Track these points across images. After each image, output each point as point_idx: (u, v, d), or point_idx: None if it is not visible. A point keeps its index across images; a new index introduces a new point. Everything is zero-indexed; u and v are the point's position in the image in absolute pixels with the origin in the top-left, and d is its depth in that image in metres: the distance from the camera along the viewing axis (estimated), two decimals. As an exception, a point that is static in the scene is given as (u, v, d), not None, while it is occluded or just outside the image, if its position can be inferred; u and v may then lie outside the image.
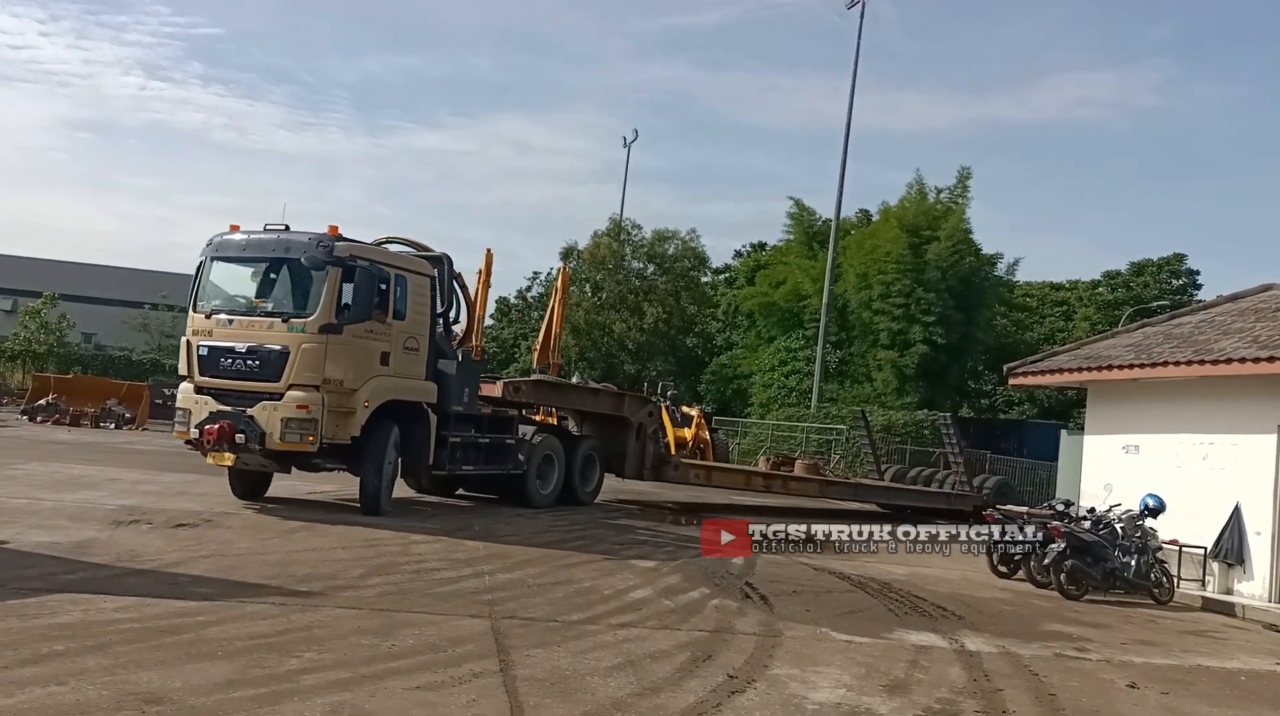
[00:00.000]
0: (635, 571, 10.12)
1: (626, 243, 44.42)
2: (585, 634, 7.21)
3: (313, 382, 11.62)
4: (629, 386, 39.75)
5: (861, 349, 34.71)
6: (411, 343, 12.92)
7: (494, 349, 45.16)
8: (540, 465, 15.28)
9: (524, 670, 6.05)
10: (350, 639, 6.44)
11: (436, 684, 5.59)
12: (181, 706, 4.75)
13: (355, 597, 7.73)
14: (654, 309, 41.92)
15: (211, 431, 11.46)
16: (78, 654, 5.52)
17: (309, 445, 11.61)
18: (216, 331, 12.02)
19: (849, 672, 6.76)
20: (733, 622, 8.11)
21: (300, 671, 5.59)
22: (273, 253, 12.34)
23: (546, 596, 8.54)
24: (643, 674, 6.22)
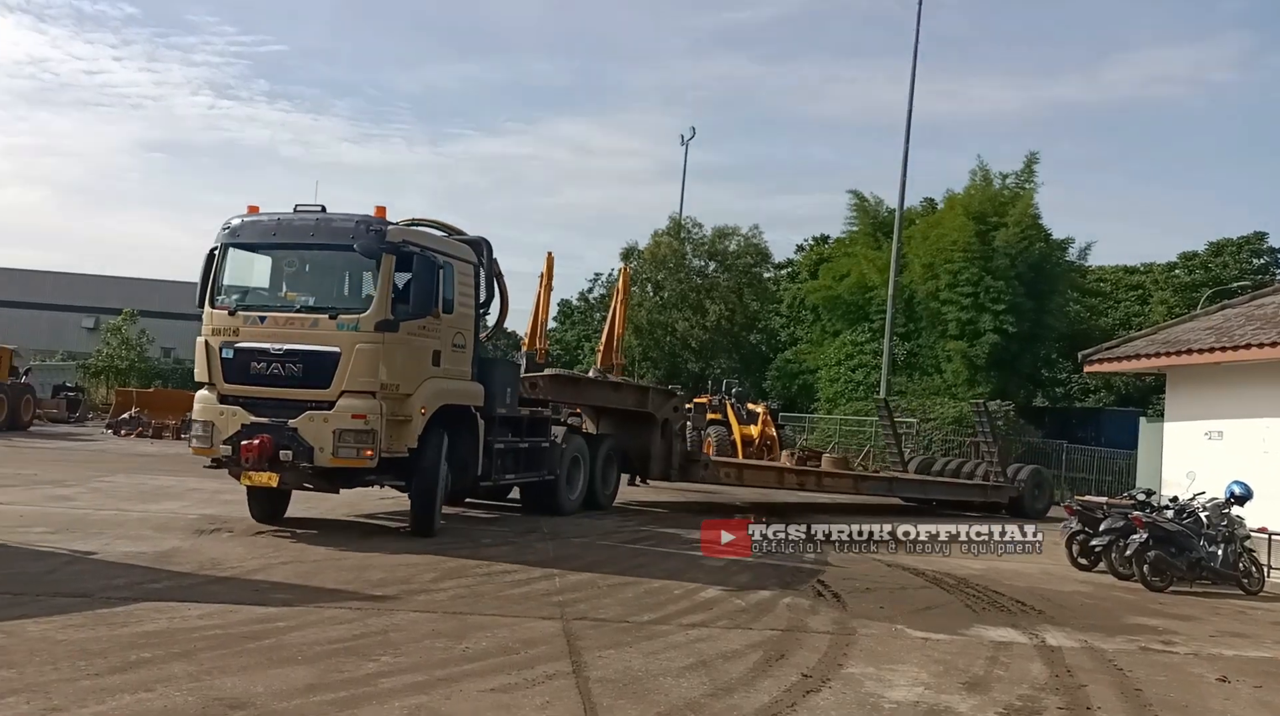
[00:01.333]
0: (705, 570, 10.08)
1: (687, 241, 44.32)
2: (656, 634, 7.20)
3: (369, 388, 10.13)
4: (693, 385, 39.84)
5: (930, 340, 34.16)
6: (459, 339, 11.48)
7: (557, 351, 45.45)
8: (570, 469, 14.29)
9: (596, 671, 6.06)
10: (425, 642, 6.52)
11: (510, 686, 5.64)
12: (264, 711, 4.86)
13: (429, 601, 7.82)
14: (716, 306, 41.76)
15: (251, 447, 9.97)
16: (164, 661, 5.68)
17: (367, 460, 10.12)
18: (245, 331, 10.42)
19: (926, 670, 6.65)
20: (805, 621, 8.04)
21: (378, 675, 5.68)
22: (312, 238, 10.62)
23: (617, 597, 8.56)
24: (715, 674, 6.20)
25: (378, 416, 10.07)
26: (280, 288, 10.94)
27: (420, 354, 10.76)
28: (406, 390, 10.50)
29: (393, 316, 10.32)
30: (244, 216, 10.96)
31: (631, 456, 16.14)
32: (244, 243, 10.97)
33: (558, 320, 50.90)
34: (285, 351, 10.24)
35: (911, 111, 30.67)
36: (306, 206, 10.80)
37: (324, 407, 10.07)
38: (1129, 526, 11.40)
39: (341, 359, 10.12)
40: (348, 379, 10.12)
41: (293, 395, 10.21)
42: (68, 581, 7.75)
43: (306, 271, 11.05)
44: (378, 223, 10.46)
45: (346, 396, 10.11)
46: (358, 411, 10.05)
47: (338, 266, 10.89)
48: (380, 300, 10.29)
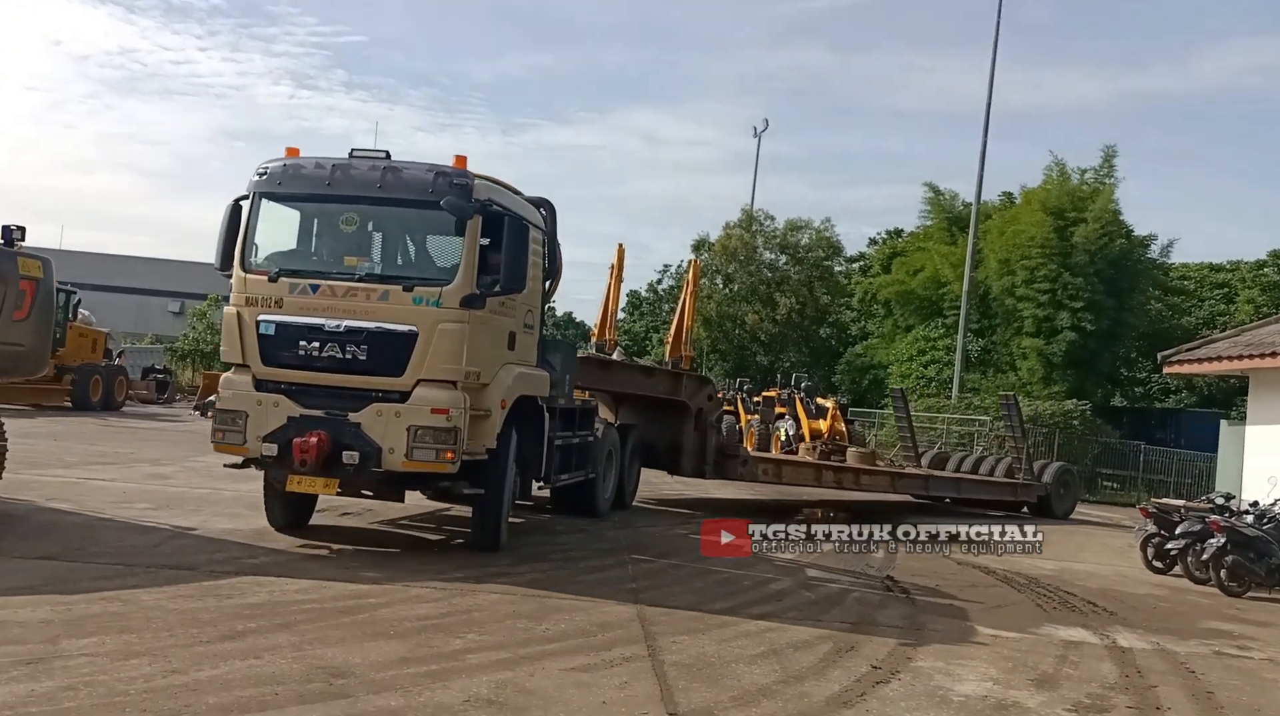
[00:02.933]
0: (774, 563, 10.24)
1: (758, 233, 44.28)
2: (728, 623, 7.40)
3: (451, 377, 8.44)
4: (761, 378, 39.83)
5: (1005, 337, 33.68)
6: (530, 318, 9.84)
7: (626, 342, 45.76)
8: (605, 466, 12.84)
9: (671, 655, 6.29)
10: (507, 622, 6.82)
11: (589, 666, 5.90)
12: (363, 680, 5.19)
13: (508, 584, 8.12)
14: (787, 299, 41.68)
15: (308, 447, 8.19)
16: (268, 631, 6.06)
17: (448, 464, 8.40)
18: (290, 302, 8.60)
19: (995, 666, 6.75)
20: (874, 615, 8.17)
21: (464, 651, 5.99)
22: (379, 190, 8.72)
23: (688, 586, 8.78)
24: (786, 662, 6.38)
25: (461, 411, 8.41)
26: (334, 250, 9.07)
27: (499, 336, 9.14)
28: (486, 379, 8.88)
29: (479, 290, 8.61)
30: (285, 161, 9.04)
31: (659, 450, 14.64)
32: (286, 193, 9.05)
33: (626, 311, 51.21)
34: (346, 329, 8.43)
35: (990, 103, 30.30)
36: (365, 151, 9.01)
37: (394, 399, 8.40)
38: (1206, 530, 11.26)
39: (420, 340, 8.38)
40: (427, 365, 8.38)
41: (354, 383, 8.48)
42: (173, 555, 8.21)
43: (370, 231, 9.25)
44: (460, 174, 8.72)
45: (424, 386, 8.40)
46: (439, 404, 8.33)
47: (411, 227, 9.20)
48: (467, 270, 8.56)
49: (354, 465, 8.27)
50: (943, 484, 18.00)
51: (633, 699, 5.36)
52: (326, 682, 5.11)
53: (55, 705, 4.50)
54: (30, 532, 8.47)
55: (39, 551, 7.50)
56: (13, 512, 9.29)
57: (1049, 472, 18.75)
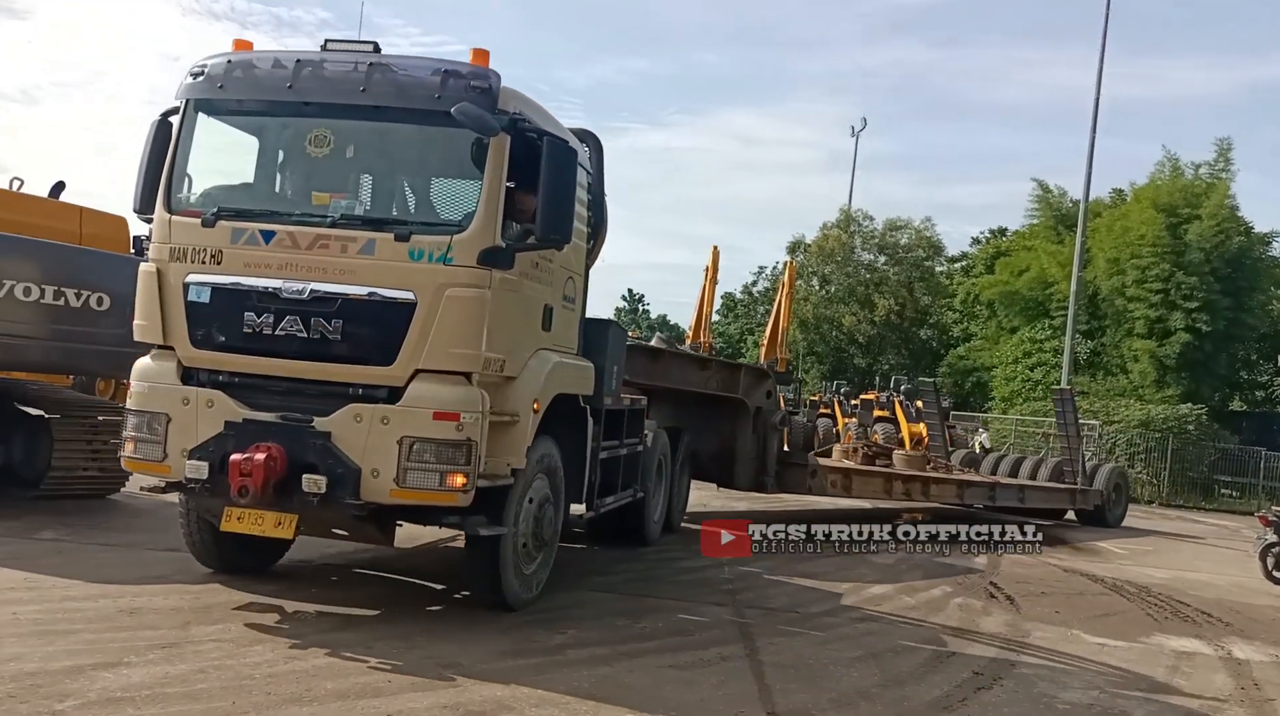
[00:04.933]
0: (873, 566, 10.17)
1: (856, 234, 43.80)
2: (826, 625, 7.40)
3: (464, 366, 5.94)
4: (859, 380, 39.37)
5: (1115, 338, 32.60)
6: (570, 289, 7.27)
7: (720, 344, 45.73)
8: (654, 479, 10.16)
9: (768, 656, 6.33)
10: (605, 620, 6.95)
11: (687, 664, 5.98)
12: (472, 671, 5.38)
13: (606, 582, 8.25)
14: (885, 301, 41.13)
15: (250, 468, 5.62)
16: (381, 623, 6.33)
17: (458, 493, 5.84)
18: (234, 255, 6.03)
19: (1102, 675, 6.61)
20: (977, 621, 8.06)
21: (565, 646, 6.14)
22: (362, 95, 6.08)
23: (785, 588, 8.80)
24: (886, 666, 6.36)
25: (477, 416, 5.86)
26: (298, 184, 6.49)
27: (531, 311, 6.57)
28: (512, 371, 6.30)
29: (504, 242, 6.04)
30: (230, 56, 6.37)
31: (708, 458, 12.15)
32: (230, 101, 6.41)
33: (720, 313, 51.16)
34: (312, 296, 5.88)
35: (1099, 96, 29.29)
36: (344, 43, 6.52)
37: (381, 398, 5.90)
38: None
39: (419, 313, 5.85)
40: (429, 349, 5.86)
41: (323, 374, 5.97)
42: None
43: (349, 156, 6.50)
44: (480, 75, 6.07)
45: (424, 379, 5.89)
46: (445, 406, 5.81)
47: (409, 150, 6.56)
48: (488, 212, 5.97)
49: (319, 494, 5.67)
50: (1008, 492, 15.61)
51: (730, 697, 5.42)
52: (438, 674, 5.31)
53: (188, 686, 4.80)
54: (156, 526, 8.94)
55: (165, 543, 7.93)
56: (141, 507, 9.82)
57: (1101, 476, 16.96)
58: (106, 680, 4.77)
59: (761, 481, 12.33)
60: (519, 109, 6.23)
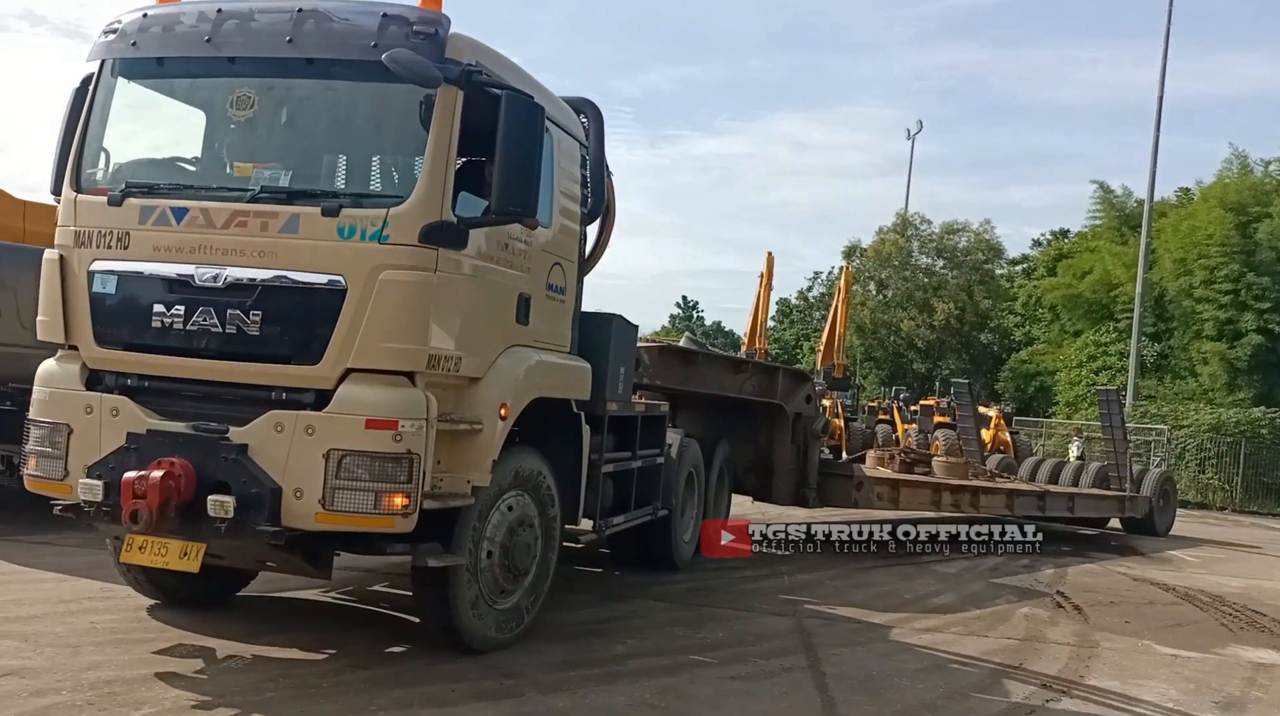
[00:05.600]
0: (937, 576, 10.03)
1: (913, 237, 43.36)
2: (889, 636, 7.32)
3: (403, 364, 5.10)
4: (919, 386, 38.91)
5: (1183, 341, 31.83)
6: (558, 276, 6.37)
7: (776, 351, 45.53)
8: (683, 493, 9.22)
9: (831, 667, 6.27)
10: (665, 629, 6.95)
11: (749, 675, 5.95)
12: (532, 680, 5.42)
13: (664, 591, 8.24)
14: (944, 305, 40.66)
15: (144, 488, 4.78)
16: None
17: (398, 516, 4.95)
18: (142, 237, 5.25)
19: (1175, 687, 6.44)
20: (1044, 631, 7.90)
21: (625, 656, 6.15)
22: (289, 46, 5.23)
23: (847, 597, 8.70)
24: (951, 677, 6.27)
25: (420, 424, 5.00)
26: (218, 154, 5.69)
27: (498, 300, 5.70)
28: (474, 370, 5.47)
29: (456, 215, 5.21)
30: (148, 9, 5.58)
31: (743, 470, 11.17)
32: (145, 60, 5.55)
33: (776, 319, 50.97)
34: (228, 283, 5.09)
35: (1163, 93, 28.67)
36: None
37: (306, 404, 5.04)
38: None
39: (349, 300, 5.01)
40: (360, 343, 5.00)
41: (240, 375, 5.14)
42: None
43: (276, 120, 5.60)
44: (427, 19, 5.19)
45: (356, 380, 5.03)
46: (379, 412, 4.95)
47: (344, 110, 5.57)
48: (432, 181, 5.12)
49: (227, 519, 4.80)
50: (1058, 501, 14.49)
51: (793, 709, 5.39)
52: (498, 682, 5.36)
53: (259, 694, 4.89)
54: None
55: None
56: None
57: (1148, 482, 15.80)
58: (180, 689, 4.89)
59: (802, 494, 11.27)
60: (476, 60, 5.31)
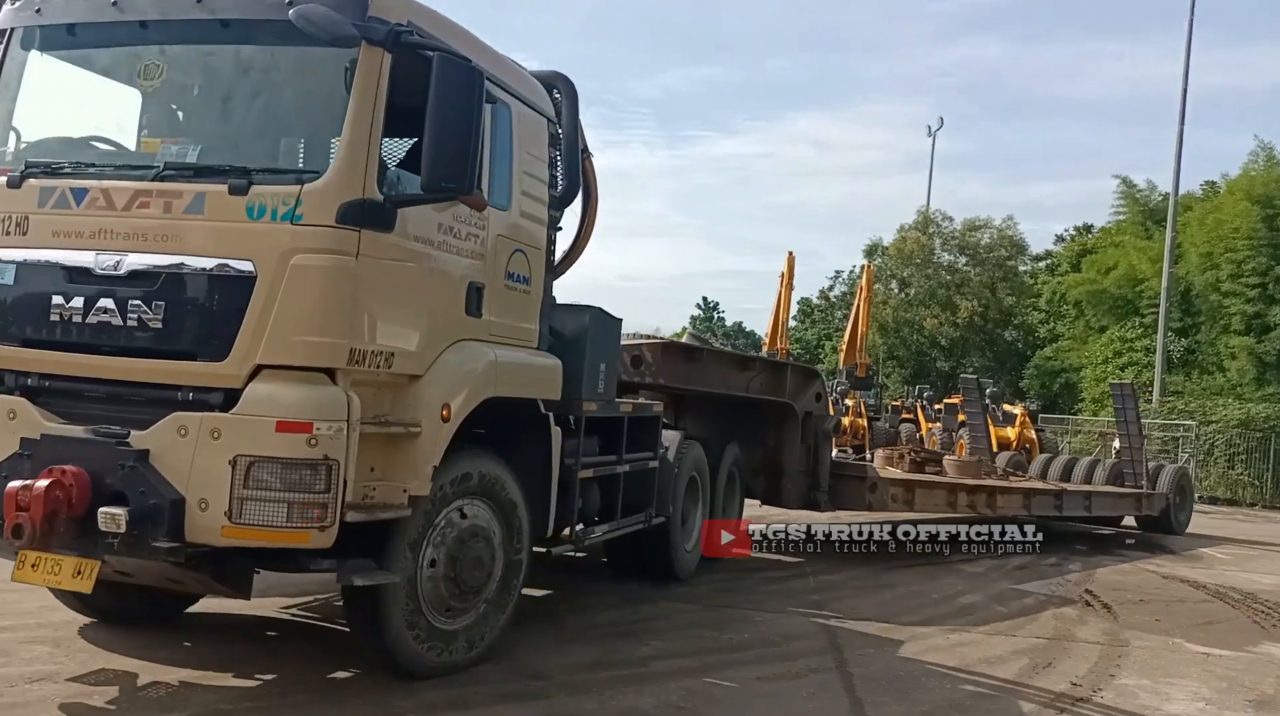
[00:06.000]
0: (963, 576, 9.96)
1: (935, 235, 43.12)
2: (916, 636, 7.27)
3: (320, 360, 4.60)
4: (943, 384, 38.66)
5: (1210, 335, 31.48)
6: (519, 264, 5.78)
7: (798, 351, 45.38)
8: (685, 499, 8.56)
9: (858, 668, 6.24)
10: (689, 630, 6.93)
11: (775, 676, 5.93)
12: (559, 682, 5.42)
13: (689, 593, 8.21)
14: (968, 302, 40.40)
15: (28, 499, 4.28)
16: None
17: (315, 530, 4.44)
18: (42, 222, 4.82)
19: (1207, 685, 6.36)
20: (1073, 630, 7.83)
21: (651, 657, 6.14)
22: (197, 9, 4.80)
23: (873, 598, 8.65)
24: (979, 678, 6.22)
25: (339, 426, 4.49)
26: (126, 128, 5.25)
27: (442, 287, 5.17)
28: (410, 366, 4.96)
29: (383, 194, 4.74)
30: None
31: (751, 472, 10.39)
32: (51, 28, 5.15)
33: (797, 319, 50.80)
34: (128, 270, 4.62)
35: (1186, 87, 28.38)
36: None
37: (213, 405, 4.54)
38: None
39: (258, 288, 4.54)
40: (270, 335, 4.54)
41: (143, 373, 4.65)
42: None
43: (188, 91, 5.21)
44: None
45: (267, 378, 4.55)
46: (292, 413, 4.46)
47: (260, 77, 5.02)
48: (353, 153, 4.63)
49: (119, 534, 4.29)
50: (1075, 500, 13.89)
51: (820, 710, 5.37)
52: (524, 684, 5.37)
53: (283, 698, 4.92)
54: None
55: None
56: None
57: (1164, 478, 15.09)
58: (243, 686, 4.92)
59: (814, 497, 10.59)
60: (408, 20, 4.78)
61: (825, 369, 46.35)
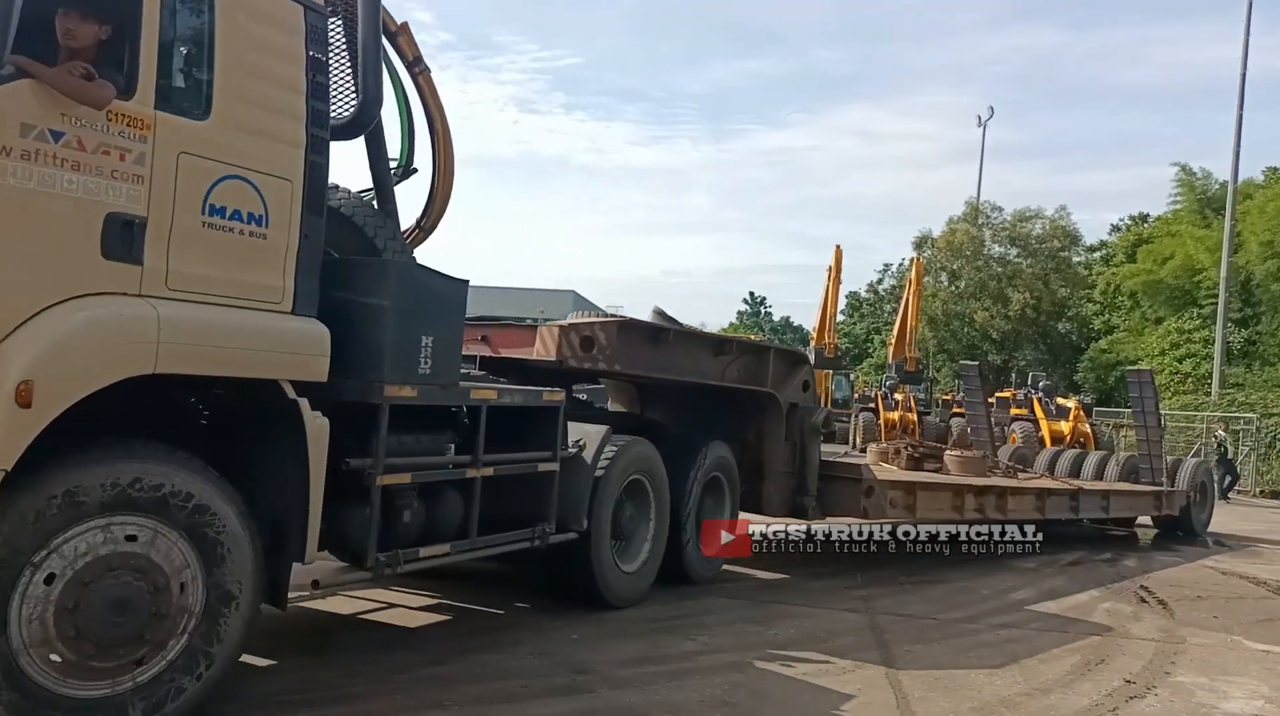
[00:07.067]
0: (1014, 571, 9.82)
1: (985, 226, 42.54)
2: (965, 632, 7.19)
3: None
4: (994, 378, 38.11)
5: (1271, 326, 30.70)
6: (236, 196, 4.28)
7: (846, 345, 45.02)
8: (620, 512, 7.15)
9: (905, 664, 6.18)
10: (736, 626, 6.90)
11: (821, 672, 5.89)
12: (604, 676, 5.45)
13: (735, 588, 8.19)
14: (1019, 294, 39.80)
15: None
16: (512, 628, 6.45)
17: None
18: None
19: (1267, 684, 6.21)
20: (1127, 627, 7.69)
21: (696, 652, 6.13)
22: None
23: (921, 594, 8.57)
24: (1030, 674, 6.13)
25: None
26: None
27: (46, 218, 3.74)
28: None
29: None
30: None
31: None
32: None
33: (845, 313, 50.41)
34: None
35: (1245, 70, 27.70)
36: None
37: None
38: None
39: None
40: None
41: None
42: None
43: None
44: None
45: None
46: None
47: None
48: None
49: None
50: (1091, 499, 12.43)
51: (868, 706, 5.32)
52: (571, 678, 5.39)
53: (337, 690, 5.00)
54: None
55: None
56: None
57: (1184, 474, 13.84)
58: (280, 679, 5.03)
59: (799, 503, 9.13)
60: None
61: (874, 363, 46.05)
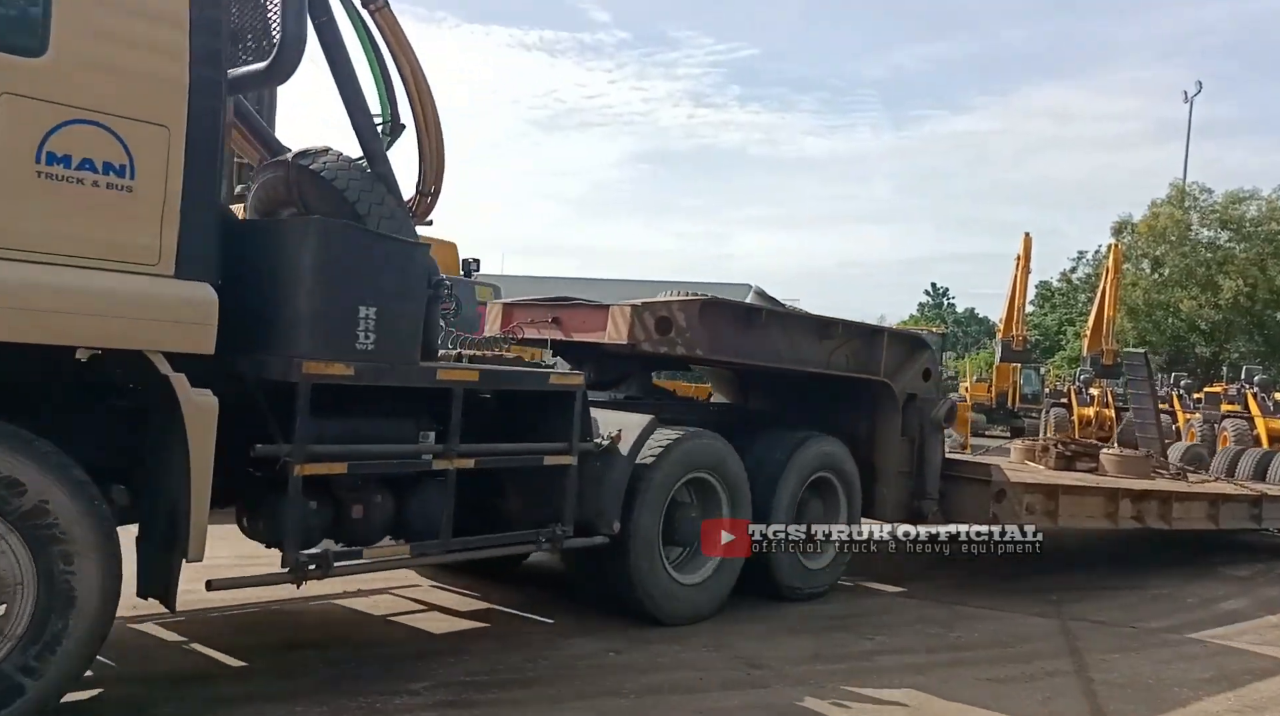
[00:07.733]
0: (1223, 579, 9.17)
1: (1192, 209, 39.63)
2: (1167, 642, 6.76)
3: None
4: (1202, 372, 35.48)
5: None
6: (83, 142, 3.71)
7: (1036, 337, 42.90)
8: (677, 515, 6.31)
9: (1099, 673, 5.87)
10: (916, 626, 6.74)
11: (1007, 677, 5.68)
12: (778, 673, 5.43)
13: (915, 588, 7.99)
14: (1231, 282, 36.87)
15: None
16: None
17: None
18: None
19: None
20: (1360, 645, 7.03)
21: (874, 652, 6.03)
22: None
23: (1119, 600, 8.12)
24: (1241, 690, 5.71)
25: None
26: None
27: None
28: None
29: None
30: None
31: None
32: None
33: (1035, 303, 48.04)
34: None
35: None
36: None
37: None
38: None
39: None
40: None
41: None
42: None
43: None
44: None
45: None
46: None
47: None
48: None
49: None
50: (1276, 508, 10.55)
51: (1058, 715, 5.09)
52: (745, 672, 5.40)
53: (524, 673, 5.18)
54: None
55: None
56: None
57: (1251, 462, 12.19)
58: (420, 667, 5.27)
59: (918, 507, 8.18)
60: None
61: (1066, 356, 43.69)
